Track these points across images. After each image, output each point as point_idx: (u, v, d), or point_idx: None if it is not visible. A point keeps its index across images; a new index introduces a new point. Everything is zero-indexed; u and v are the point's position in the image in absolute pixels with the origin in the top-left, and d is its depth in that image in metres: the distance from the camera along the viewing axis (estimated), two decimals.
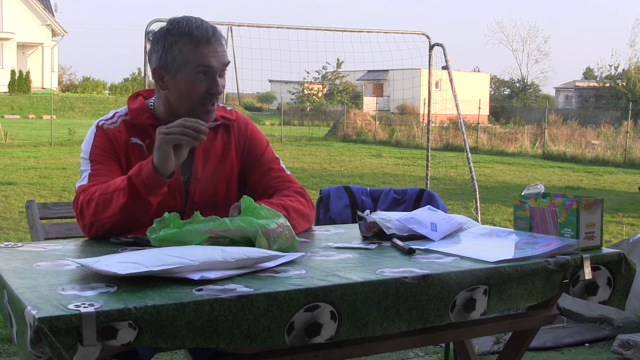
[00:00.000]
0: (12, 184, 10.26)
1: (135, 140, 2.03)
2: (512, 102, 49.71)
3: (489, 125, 29.53)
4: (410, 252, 1.79)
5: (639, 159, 17.48)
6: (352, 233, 2.10)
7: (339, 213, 2.94)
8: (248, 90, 39.53)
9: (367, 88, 44.73)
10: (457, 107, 7.14)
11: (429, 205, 2.21)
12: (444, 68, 7.38)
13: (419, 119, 24.80)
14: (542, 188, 2.01)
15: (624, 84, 39.75)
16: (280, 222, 1.76)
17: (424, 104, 9.99)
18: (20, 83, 32.99)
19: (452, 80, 7.22)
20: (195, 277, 1.43)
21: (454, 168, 14.53)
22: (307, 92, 40.59)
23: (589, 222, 1.89)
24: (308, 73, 38.20)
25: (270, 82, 44.86)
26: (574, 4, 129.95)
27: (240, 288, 1.40)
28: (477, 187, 7.05)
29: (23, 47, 36.85)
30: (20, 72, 33.68)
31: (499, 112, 42.66)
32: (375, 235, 2.00)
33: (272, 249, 1.69)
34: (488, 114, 39.10)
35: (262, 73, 26.41)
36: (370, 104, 36.91)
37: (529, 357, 3.56)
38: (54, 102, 28.45)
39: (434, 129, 20.73)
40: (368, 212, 2.03)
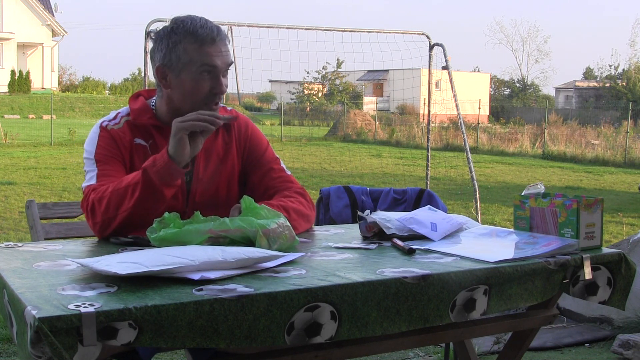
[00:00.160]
0: (12, 184, 10.26)
1: (139, 141, 2.03)
2: (512, 102, 49.69)
3: (489, 125, 29.54)
4: (411, 252, 1.79)
5: (639, 159, 17.48)
6: (352, 233, 2.10)
7: (339, 213, 2.94)
8: (248, 90, 39.66)
9: (367, 88, 44.69)
10: (457, 107, 7.13)
11: (429, 205, 2.21)
12: (444, 68, 7.38)
13: (419, 119, 24.80)
14: (542, 188, 2.01)
15: (624, 84, 39.72)
16: (281, 222, 1.76)
17: (424, 104, 9.98)
18: (20, 83, 32.99)
19: (452, 80, 7.22)
20: (196, 277, 1.43)
21: (454, 168, 14.52)
22: (307, 92, 40.57)
23: (589, 222, 1.89)
24: (308, 73, 38.25)
25: (270, 82, 44.88)
26: (574, 4, 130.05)
27: (241, 288, 1.40)
28: (477, 187, 7.04)
29: (23, 47, 36.85)
30: (20, 72, 33.68)
31: (499, 112, 42.66)
32: (376, 235, 2.00)
33: (272, 249, 1.69)
34: (488, 114, 39.09)
35: (262, 73, 26.40)
36: (370, 104, 36.89)
37: (529, 357, 3.56)
38: (54, 102, 28.45)
39: (434, 129, 20.73)
40: (368, 212, 2.03)
